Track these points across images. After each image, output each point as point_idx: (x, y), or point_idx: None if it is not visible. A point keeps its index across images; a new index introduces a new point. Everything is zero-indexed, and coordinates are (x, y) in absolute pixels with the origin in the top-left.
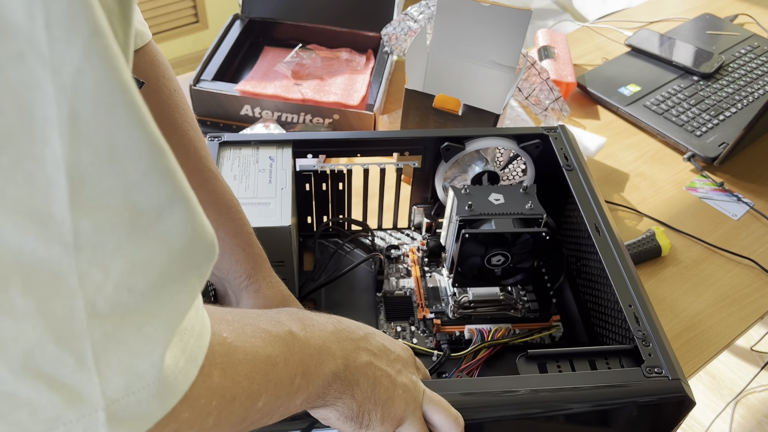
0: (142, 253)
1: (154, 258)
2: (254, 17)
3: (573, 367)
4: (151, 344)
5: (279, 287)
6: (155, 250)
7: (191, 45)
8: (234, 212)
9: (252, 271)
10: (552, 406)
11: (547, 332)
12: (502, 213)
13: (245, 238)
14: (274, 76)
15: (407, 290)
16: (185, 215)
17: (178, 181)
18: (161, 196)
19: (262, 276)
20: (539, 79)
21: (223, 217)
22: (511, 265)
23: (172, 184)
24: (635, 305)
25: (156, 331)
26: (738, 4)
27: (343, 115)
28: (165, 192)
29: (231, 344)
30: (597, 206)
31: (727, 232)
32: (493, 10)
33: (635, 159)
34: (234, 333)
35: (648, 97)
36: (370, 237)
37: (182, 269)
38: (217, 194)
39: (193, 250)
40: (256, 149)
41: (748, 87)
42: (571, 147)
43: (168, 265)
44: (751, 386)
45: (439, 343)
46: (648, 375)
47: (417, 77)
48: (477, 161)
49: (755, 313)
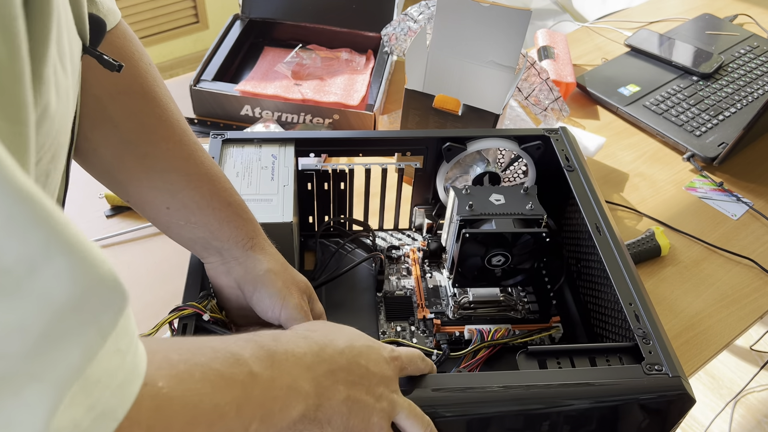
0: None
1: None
2: (254, 17)
3: (573, 364)
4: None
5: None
6: (31, 309)
7: (191, 45)
8: (224, 181)
9: (253, 234)
10: (552, 403)
11: (547, 333)
12: (502, 213)
13: (239, 205)
14: (274, 76)
15: (407, 290)
16: (69, 265)
17: (55, 228)
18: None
19: (262, 237)
20: (539, 79)
21: (215, 187)
22: (512, 266)
23: (46, 233)
24: (635, 303)
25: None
26: (737, 5)
27: (343, 115)
28: (35, 243)
29: (166, 395)
30: (598, 206)
31: (726, 231)
32: (492, 10)
33: (635, 159)
34: (174, 380)
35: (647, 97)
36: (371, 237)
37: (73, 325)
38: (205, 166)
39: (88, 302)
40: (259, 147)
41: (748, 87)
42: (572, 148)
43: (51, 324)
44: (751, 386)
45: (439, 343)
46: (648, 372)
47: (417, 77)
48: (478, 162)
49: (755, 312)
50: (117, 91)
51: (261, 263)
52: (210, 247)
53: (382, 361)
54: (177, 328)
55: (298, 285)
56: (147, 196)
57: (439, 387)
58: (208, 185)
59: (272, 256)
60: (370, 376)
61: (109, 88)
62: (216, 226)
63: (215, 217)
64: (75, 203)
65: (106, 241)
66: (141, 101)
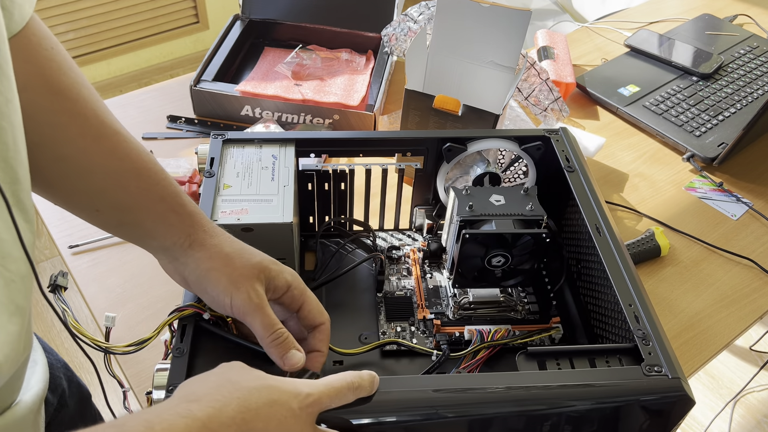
0: None
1: None
2: (254, 18)
3: (573, 365)
4: None
5: (223, 236)
6: None
7: (192, 45)
8: (154, 174)
9: (190, 230)
10: (551, 404)
11: (547, 334)
12: (502, 214)
13: (174, 199)
14: (274, 76)
15: (408, 291)
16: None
17: None
18: None
19: (202, 231)
20: (539, 80)
21: (144, 183)
22: (512, 267)
23: None
24: (635, 304)
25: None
26: (737, 5)
27: (343, 115)
28: None
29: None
30: (598, 207)
31: (726, 232)
32: (492, 10)
33: (634, 159)
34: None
35: (647, 98)
36: (372, 237)
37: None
38: (132, 159)
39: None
40: (259, 147)
41: (747, 87)
42: (573, 149)
43: None
44: (750, 386)
45: (439, 344)
46: (648, 373)
47: (417, 78)
48: (479, 162)
49: (754, 312)
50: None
51: (201, 262)
52: (150, 246)
53: (288, 417)
54: (176, 329)
55: (248, 272)
56: (72, 200)
57: (438, 388)
58: (136, 182)
59: (214, 250)
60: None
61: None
62: (150, 225)
63: (147, 216)
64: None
65: (106, 242)
66: (46, 96)
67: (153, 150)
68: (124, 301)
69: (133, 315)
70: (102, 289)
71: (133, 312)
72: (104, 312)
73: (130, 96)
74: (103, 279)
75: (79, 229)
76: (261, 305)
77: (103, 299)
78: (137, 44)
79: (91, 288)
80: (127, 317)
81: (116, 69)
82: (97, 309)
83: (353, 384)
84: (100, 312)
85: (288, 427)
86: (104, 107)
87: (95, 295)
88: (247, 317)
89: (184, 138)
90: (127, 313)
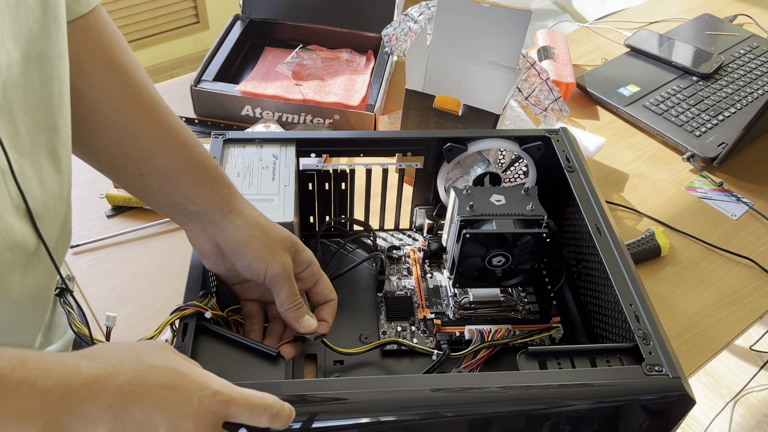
0: None
1: None
2: (255, 18)
3: (573, 365)
4: None
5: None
6: None
7: (192, 46)
8: (196, 146)
9: (229, 197)
10: (552, 403)
11: (547, 333)
12: (503, 214)
13: (214, 168)
14: (274, 76)
15: (408, 290)
16: None
17: None
18: None
19: (240, 199)
20: (539, 80)
21: (187, 151)
22: (512, 267)
23: None
24: (636, 304)
25: None
26: (737, 5)
27: (343, 115)
28: None
29: None
30: (598, 207)
31: (726, 231)
32: (492, 10)
33: (635, 159)
34: None
35: (647, 98)
36: (372, 237)
37: None
38: (177, 130)
39: None
40: (260, 147)
41: (748, 87)
42: (573, 149)
43: None
44: (751, 386)
45: (439, 343)
46: (648, 373)
47: (417, 78)
48: (479, 162)
49: (754, 312)
50: (80, 61)
51: (240, 229)
52: (187, 212)
53: (185, 406)
54: (178, 328)
55: (282, 244)
56: (118, 164)
57: (439, 387)
58: (180, 150)
59: (252, 219)
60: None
61: (72, 59)
62: (190, 190)
63: (189, 181)
64: (75, 203)
65: (106, 241)
66: (105, 69)
67: None
68: (124, 301)
69: (134, 315)
70: (103, 288)
71: (133, 312)
72: (105, 312)
73: None
74: (104, 279)
75: (80, 229)
76: (290, 275)
77: (103, 299)
78: (137, 44)
79: (91, 288)
80: (128, 317)
81: None
82: (98, 309)
83: (272, 408)
84: (101, 312)
85: (182, 416)
86: (154, 87)
87: (96, 295)
88: (276, 284)
89: None
90: (127, 312)
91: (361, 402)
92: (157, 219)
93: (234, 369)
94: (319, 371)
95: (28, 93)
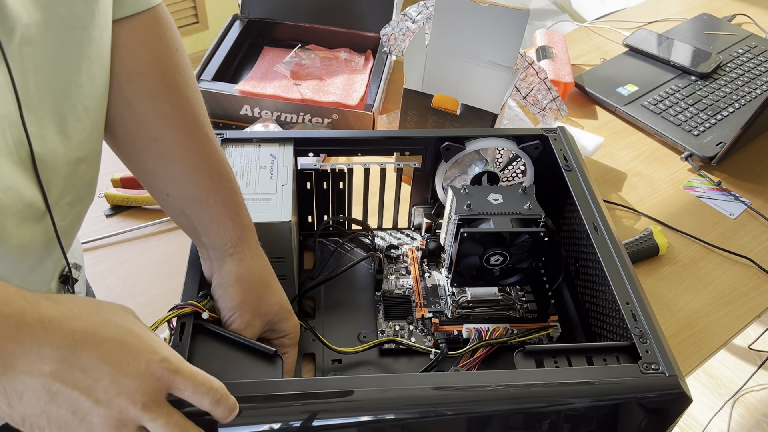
0: None
1: None
2: (254, 17)
3: (570, 363)
4: None
5: (263, 261)
6: None
7: (191, 45)
8: (226, 181)
9: (238, 240)
10: (549, 401)
11: (545, 332)
12: (500, 213)
13: (235, 208)
14: (273, 76)
15: (406, 289)
16: None
17: None
18: None
19: (247, 247)
20: (537, 79)
21: (215, 185)
22: (510, 265)
23: None
24: (633, 303)
25: None
26: (736, 4)
27: (342, 115)
28: None
29: None
30: (596, 206)
31: (724, 231)
32: (491, 10)
33: (633, 158)
34: None
35: (646, 97)
36: (370, 236)
37: None
38: (210, 161)
39: None
40: (258, 146)
41: (746, 87)
42: (571, 148)
43: None
44: (749, 385)
45: (437, 342)
46: (645, 371)
47: (415, 77)
48: (477, 162)
49: (752, 311)
50: (135, 72)
51: (231, 273)
52: (199, 240)
53: (131, 364)
54: (175, 327)
55: (259, 311)
56: (150, 179)
57: (436, 386)
58: (208, 181)
59: (247, 270)
60: (98, 373)
61: (128, 68)
62: (206, 223)
63: (207, 214)
64: None
65: (105, 241)
66: (158, 85)
67: None
68: (123, 300)
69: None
70: (101, 288)
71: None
72: None
73: None
74: (103, 278)
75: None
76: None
77: (102, 298)
78: None
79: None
80: None
81: None
82: None
83: (216, 392)
84: None
85: (127, 373)
86: (204, 113)
87: (95, 294)
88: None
89: None
90: None
91: (359, 400)
92: (156, 218)
93: (231, 368)
94: (317, 370)
95: (43, 54)
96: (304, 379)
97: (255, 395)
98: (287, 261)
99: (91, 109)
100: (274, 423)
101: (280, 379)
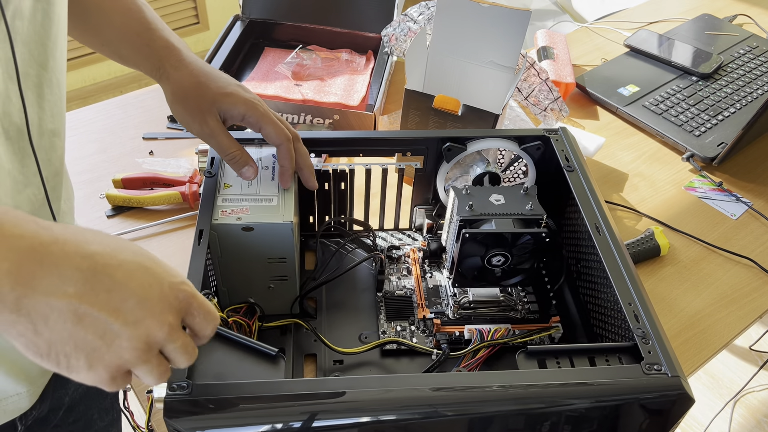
0: None
1: None
2: (255, 18)
3: (572, 364)
4: None
5: (189, 68)
6: None
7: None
8: (135, 12)
9: (159, 63)
10: (551, 402)
11: (547, 333)
12: (502, 213)
13: (150, 34)
14: (274, 76)
15: (408, 290)
16: None
17: None
18: None
19: (169, 65)
20: (538, 80)
21: (126, 19)
22: (511, 266)
23: None
24: (635, 303)
25: None
26: (737, 5)
27: (343, 115)
28: None
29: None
30: (597, 206)
31: (725, 231)
32: (492, 10)
33: (634, 159)
34: None
35: (647, 98)
36: (372, 237)
37: None
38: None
39: None
40: (260, 147)
41: (747, 87)
42: (572, 148)
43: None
44: (750, 386)
45: (439, 343)
46: (647, 372)
47: (417, 78)
48: (478, 162)
49: (754, 312)
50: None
51: (168, 94)
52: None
53: (154, 286)
54: None
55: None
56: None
57: (438, 386)
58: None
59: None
60: (124, 293)
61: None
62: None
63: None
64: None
65: None
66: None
67: (153, 150)
68: None
69: None
70: None
71: None
72: None
73: (131, 96)
74: None
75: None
76: (213, 133)
77: None
78: None
79: None
80: None
81: (117, 69)
82: None
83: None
84: None
85: (151, 295)
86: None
87: None
88: (209, 143)
89: (185, 138)
90: None
91: (360, 401)
92: (157, 219)
93: (233, 368)
94: (318, 371)
95: (30, 27)
96: (306, 380)
97: (257, 396)
98: (289, 262)
99: (61, 83)
100: (275, 423)
101: (282, 379)
